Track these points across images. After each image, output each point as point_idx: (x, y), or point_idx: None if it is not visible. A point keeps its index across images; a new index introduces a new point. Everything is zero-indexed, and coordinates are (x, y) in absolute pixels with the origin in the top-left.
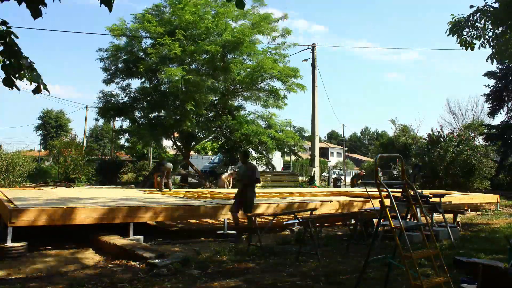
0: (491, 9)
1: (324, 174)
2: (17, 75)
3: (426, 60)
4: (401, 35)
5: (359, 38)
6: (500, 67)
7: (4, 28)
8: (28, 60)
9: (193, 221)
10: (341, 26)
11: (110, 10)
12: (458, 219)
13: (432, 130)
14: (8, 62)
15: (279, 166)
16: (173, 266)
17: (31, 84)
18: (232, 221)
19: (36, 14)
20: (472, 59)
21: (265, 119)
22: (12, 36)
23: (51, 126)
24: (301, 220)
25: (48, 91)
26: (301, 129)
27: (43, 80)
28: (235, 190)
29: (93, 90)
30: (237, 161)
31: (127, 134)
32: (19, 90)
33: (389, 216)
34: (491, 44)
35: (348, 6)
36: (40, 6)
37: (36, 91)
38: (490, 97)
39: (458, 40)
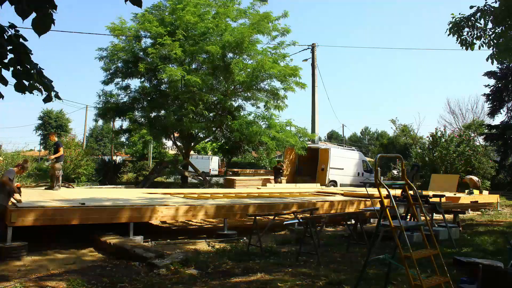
0: (492, 9)
1: None
2: (27, 83)
3: (426, 59)
4: (401, 35)
5: (359, 38)
6: (500, 67)
7: (13, 31)
8: (38, 67)
9: (195, 221)
10: (341, 26)
11: (140, 6)
12: (458, 219)
13: (436, 129)
14: (20, 68)
15: None
16: (173, 266)
17: (42, 94)
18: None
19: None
20: (473, 59)
21: (265, 120)
22: (21, 40)
23: (51, 126)
24: (301, 220)
25: (60, 98)
26: (302, 130)
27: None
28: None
29: (93, 90)
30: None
31: (127, 134)
32: (32, 93)
33: (389, 216)
34: (491, 44)
35: (349, 6)
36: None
37: (47, 99)
38: (490, 97)
39: (458, 40)
